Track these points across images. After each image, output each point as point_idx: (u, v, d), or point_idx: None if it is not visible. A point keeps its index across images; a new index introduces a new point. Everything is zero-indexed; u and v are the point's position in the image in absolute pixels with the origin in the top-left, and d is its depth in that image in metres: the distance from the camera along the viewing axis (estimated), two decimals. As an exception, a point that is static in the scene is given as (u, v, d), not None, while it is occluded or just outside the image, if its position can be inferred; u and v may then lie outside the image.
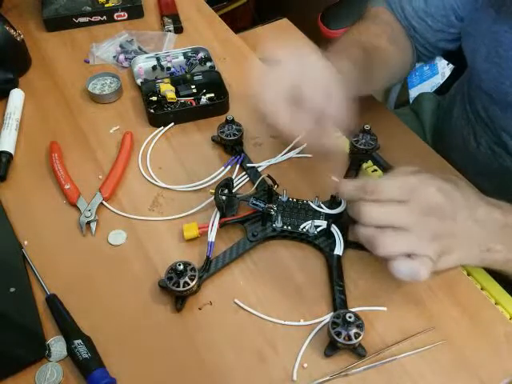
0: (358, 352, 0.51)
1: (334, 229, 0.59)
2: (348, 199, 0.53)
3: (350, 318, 0.49)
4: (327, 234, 0.59)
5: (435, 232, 0.49)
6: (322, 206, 0.61)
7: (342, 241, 0.58)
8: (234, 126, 0.68)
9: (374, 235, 0.49)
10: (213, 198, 0.59)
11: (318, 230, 0.59)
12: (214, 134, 0.70)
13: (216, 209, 0.60)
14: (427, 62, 0.84)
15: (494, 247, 0.52)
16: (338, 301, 0.54)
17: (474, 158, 0.80)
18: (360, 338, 0.49)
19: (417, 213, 0.49)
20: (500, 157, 0.77)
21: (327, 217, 0.60)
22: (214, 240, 0.58)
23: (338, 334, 0.50)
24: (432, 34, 0.76)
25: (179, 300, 0.54)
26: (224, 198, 0.60)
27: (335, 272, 0.56)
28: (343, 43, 0.72)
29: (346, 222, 0.60)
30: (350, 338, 0.49)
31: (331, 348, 0.51)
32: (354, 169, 0.66)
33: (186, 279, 0.53)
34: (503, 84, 0.68)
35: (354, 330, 0.49)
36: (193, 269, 0.54)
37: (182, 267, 0.53)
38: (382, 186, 0.50)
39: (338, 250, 0.58)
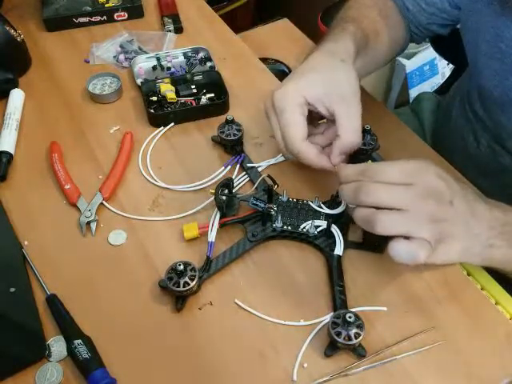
0: (358, 352, 0.51)
1: (334, 229, 0.59)
2: (347, 182, 0.53)
3: (350, 318, 0.49)
4: (327, 234, 0.59)
5: (433, 214, 0.49)
6: (322, 206, 0.61)
7: (342, 241, 0.58)
8: (234, 126, 0.68)
9: (371, 214, 0.49)
10: (213, 198, 0.59)
11: (318, 230, 0.59)
12: (214, 134, 0.70)
13: (216, 209, 0.60)
14: (418, 42, 0.84)
15: (495, 243, 0.52)
16: (338, 301, 0.54)
17: (473, 158, 0.80)
18: (360, 338, 0.49)
19: (416, 195, 0.49)
20: (500, 155, 0.77)
21: (327, 217, 0.60)
22: (214, 240, 0.58)
23: (338, 334, 0.49)
24: (425, 16, 0.76)
25: (179, 300, 0.54)
26: (224, 198, 0.60)
27: (335, 272, 0.56)
28: (342, 20, 0.71)
29: (346, 222, 0.60)
30: (350, 338, 0.49)
31: (331, 348, 0.51)
32: None
33: (186, 279, 0.53)
34: (507, 80, 0.68)
35: (354, 330, 0.49)
36: (193, 269, 0.54)
37: (182, 267, 0.53)
38: (382, 169, 0.50)
39: (338, 250, 0.58)
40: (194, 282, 0.53)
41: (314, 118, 0.63)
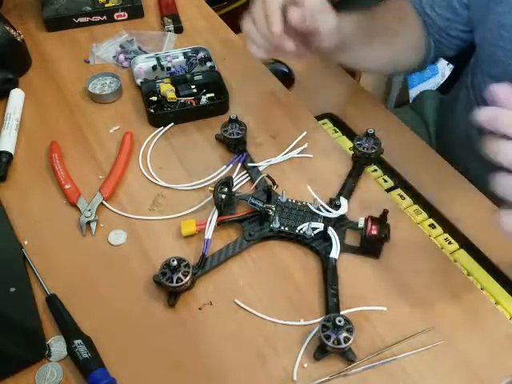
0: (348, 356, 0.50)
1: (331, 232, 0.58)
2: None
3: (339, 322, 0.49)
4: (324, 236, 0.59)
5: None
6: (321, 208, 0.61)
7: (338, 244, 0.58)
8: (237, 125, 0.68)
9: None
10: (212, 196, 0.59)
11: (315, 232, 0.59)
12: (218, 133, 0.70)
13: (214, 207, 0.60)
14: (450, 54, 0.84)
15: None
16: (331, 304, 0.54)
17: (478, 152, 0.80)
18: (349, 342, 0.49)
19: None
20: None
21: (325, 219, 0.60)
22: (210, 237, 0.58)
23: (328, 337, 0.49)
24: (442, 22, 0.77)
25: (172, 296, 0.55)
26: (223, 196, 0.60)
27: (330, 275, 0.56)
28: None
29: (344, 225, 0.60)
30: (339, 342, 0.49)
31: (321, 351, 0.50)
32: (356, 172, 0.66)
33: (180, 275, 0.53)
34: (509, 66, 0.69)
35: (343, 334, 0.49)
36: (187, 265, 0.54)
37: (175, 263, 0.53)
38: None
39: (334, 253, 0.57)
40: (188, 278, 0.53)
41: None
